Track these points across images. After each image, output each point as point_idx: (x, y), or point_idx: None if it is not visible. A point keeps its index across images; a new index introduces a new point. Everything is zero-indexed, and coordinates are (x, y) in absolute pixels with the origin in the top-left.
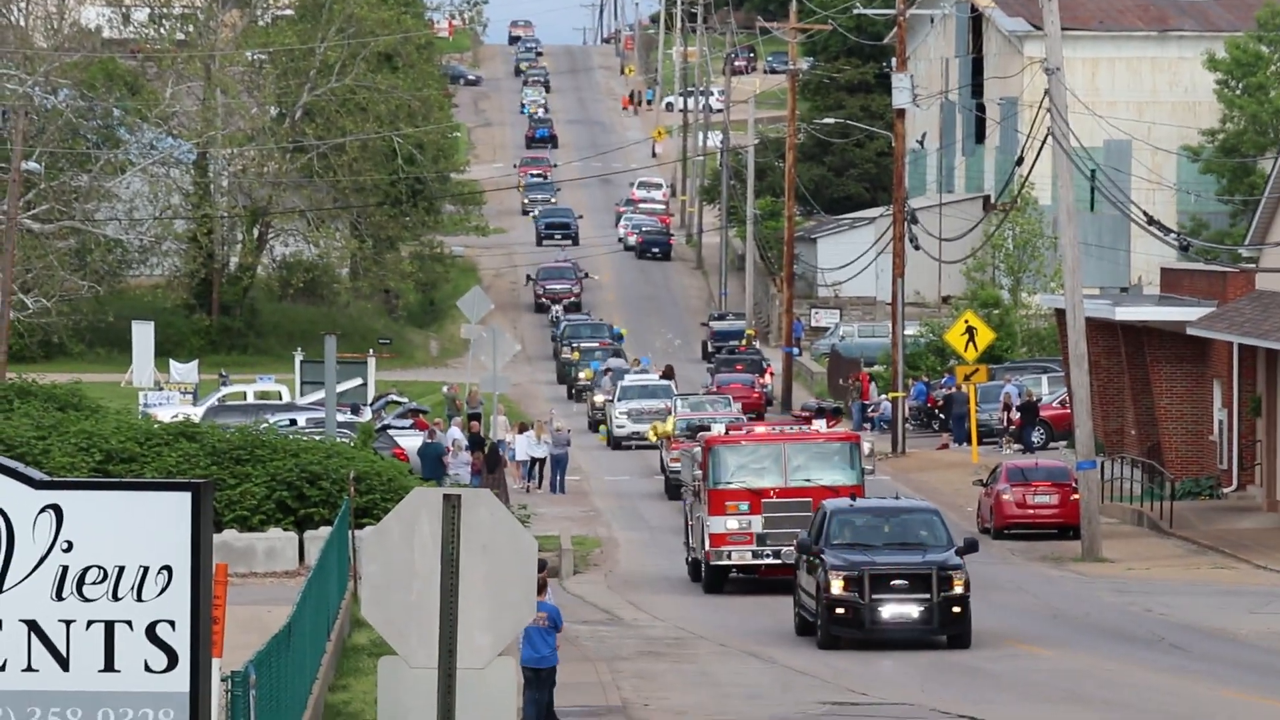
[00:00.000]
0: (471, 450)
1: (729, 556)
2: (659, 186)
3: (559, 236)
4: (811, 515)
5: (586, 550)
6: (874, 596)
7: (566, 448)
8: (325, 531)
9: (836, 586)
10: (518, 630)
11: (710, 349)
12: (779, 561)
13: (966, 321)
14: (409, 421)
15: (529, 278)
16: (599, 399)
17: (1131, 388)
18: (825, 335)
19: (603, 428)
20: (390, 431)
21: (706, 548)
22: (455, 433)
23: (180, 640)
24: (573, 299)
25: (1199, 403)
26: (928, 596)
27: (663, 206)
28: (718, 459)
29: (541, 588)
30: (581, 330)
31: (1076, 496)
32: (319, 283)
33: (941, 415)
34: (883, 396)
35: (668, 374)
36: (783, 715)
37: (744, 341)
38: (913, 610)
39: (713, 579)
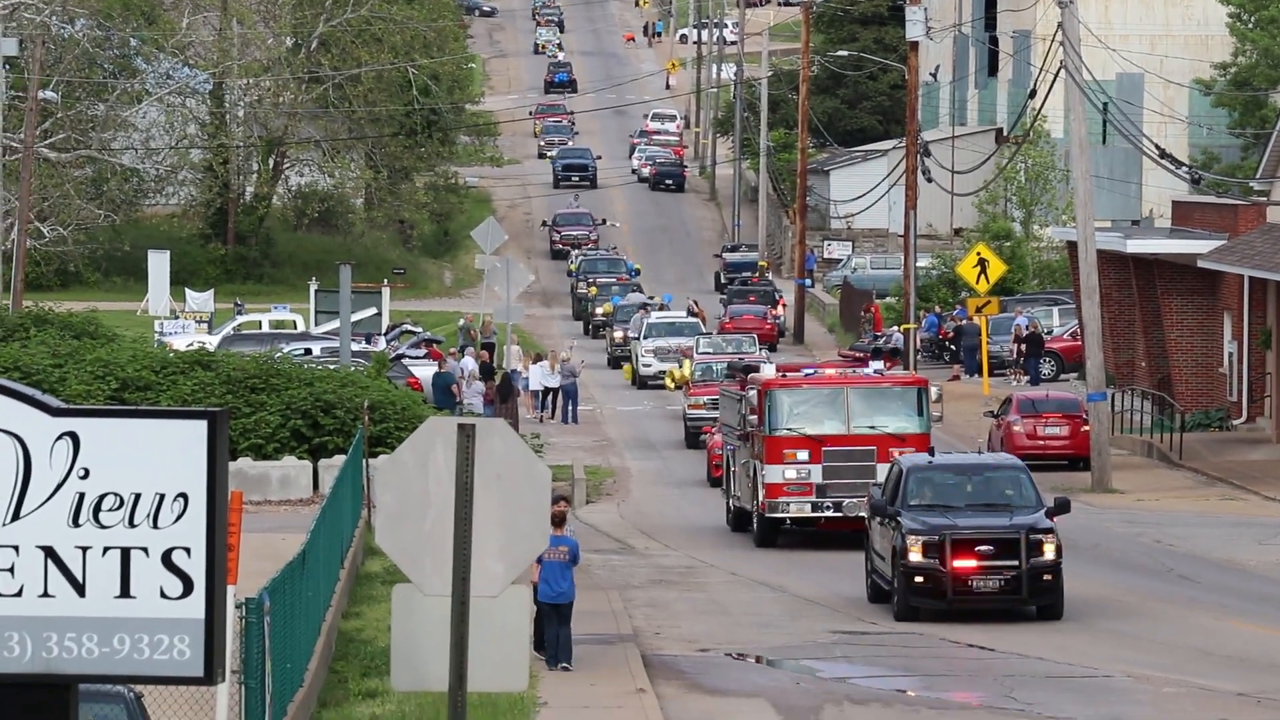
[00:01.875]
0: (484, 380)
1: (786, 508)
2: (673, 118)
3: (576, 179)
4: (874, 465)
5: (599, 480)
6: (956, 564)
7: (574, 378)
8: (339, 460)
9: (915, 553)
10: (531, 558)
11: (723, 280)
12: (840, 514)
13: (978, 254)
14: (423, 351)
15: (545, 223)
16: (619, 334)
17: (1142, 320)
18: (838, 267)
19: (626, 365)
20: (404, 361)
21: (761, 498)
22: (469, 362)
23: (195, 567)
24: (591, 245)
25: (1209, 335)
26: (1016, 563)
27: (676, 138)
28: (774, 403)
29: (560, 521)
30: (598, 265)
31: (1087, 428)
32: (334, 213)
33: (953, 347)
34: (894, 328)
35: (696, 310)
36: (792, 644)
37: (757, 273)
38: (999, 578)
39: (766, 531)
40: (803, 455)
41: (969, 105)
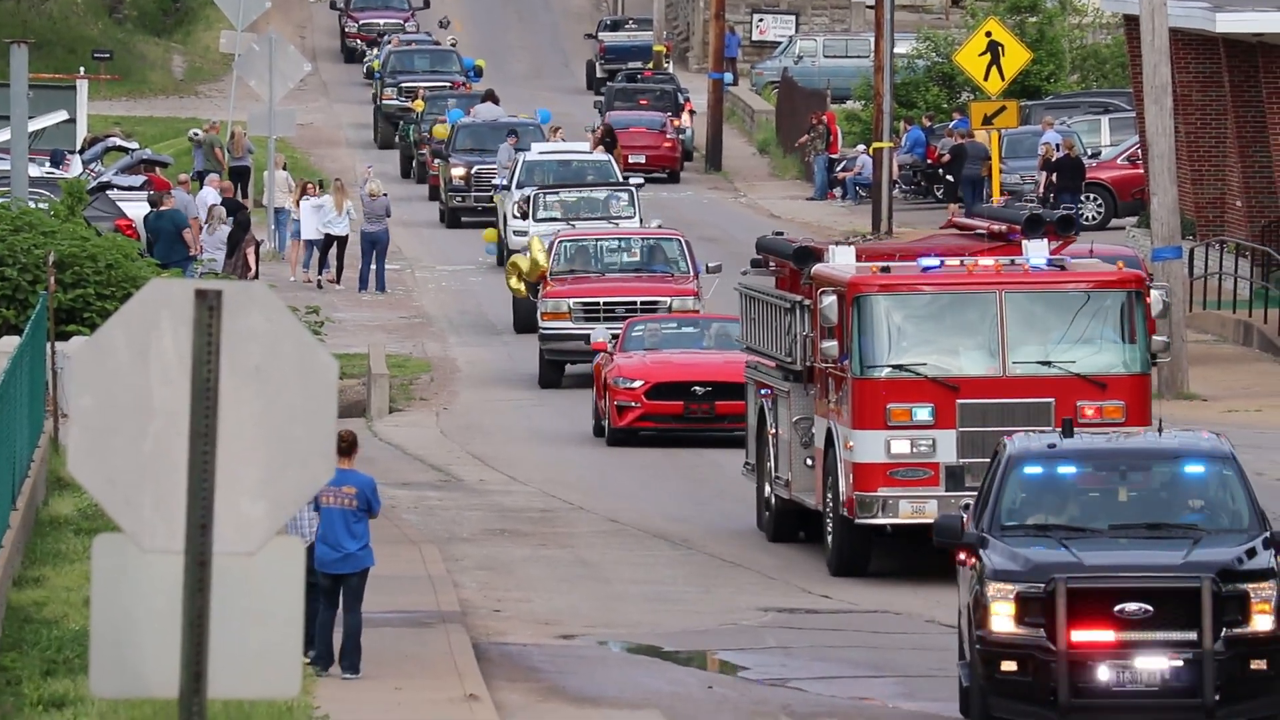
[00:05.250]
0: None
1: (889, 508)
2: None
3: None
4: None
5: (409, 376)
6: (1076, 636)
7: (385, 220)
8: (10, 344)
9: (1002, 616)
10: (308, 495)
11: (599, 74)
12: None
13: (988, 34)
14: (140, 179)
15: (334, 3)
16: (458, 172)
17: (1238, 136)
18: (774, 54)
19: (489, 230)
20: (112, 193)
21: (845, 488)
22: (209, 195)
23: None
24: (410, 34)
25: None
26: (1193, 637)
27: None
28: (870, 317)
29: (350, 447)
30: (416, 63)
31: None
32: None
33: (948, 177)
34: (860, 148)
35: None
36: (702, 628)
37: (650, 64)
38: (1161, 663)
39: (851, 547)
40: (923, 413)
41: None
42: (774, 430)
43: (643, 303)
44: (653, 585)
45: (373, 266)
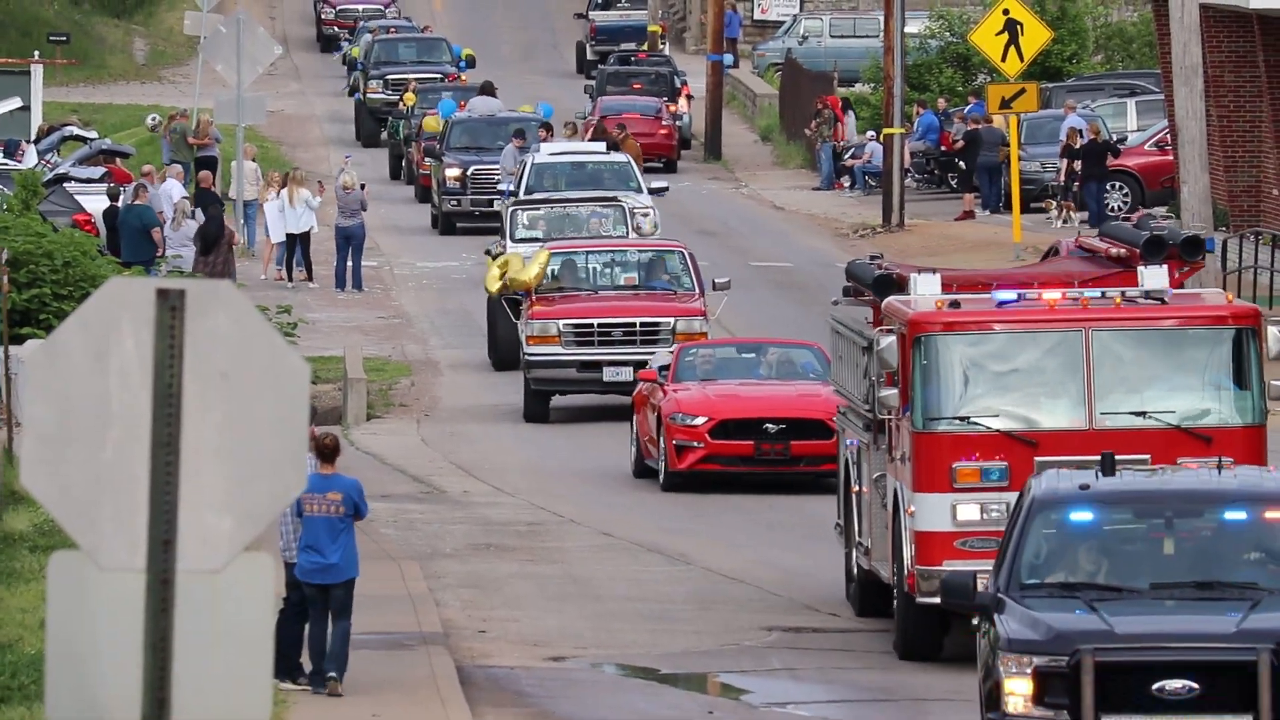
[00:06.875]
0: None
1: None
2: None
3: None
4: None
5: (388, 380)
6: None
7: (361, 215)
8: None
9: (1017, 695)
10: (279, 509)
11: (590, 56)
12: None
13: (1006, 12)
14: (100, 170)
15: None
16: (453, 173)
17: (1274, 120)
18: (776, 34)
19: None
20: (70, 186)
21: (909, 559)
22: (175, 188)
23: None
24: (390, 19)
25: None
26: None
27: None
28: (935, 360)
29: (332, 452)
30: (400, 52)
31: None
32: None
33: (963, 164)
34: (869, 134)
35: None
36: (702, 649)
37: (645, 46)
38: None
39: (919, 626)
40: (995, 473)
41: None
42: (858, 487)
43: (642, 324)
44: (650, 602)
45: (348, 263)
